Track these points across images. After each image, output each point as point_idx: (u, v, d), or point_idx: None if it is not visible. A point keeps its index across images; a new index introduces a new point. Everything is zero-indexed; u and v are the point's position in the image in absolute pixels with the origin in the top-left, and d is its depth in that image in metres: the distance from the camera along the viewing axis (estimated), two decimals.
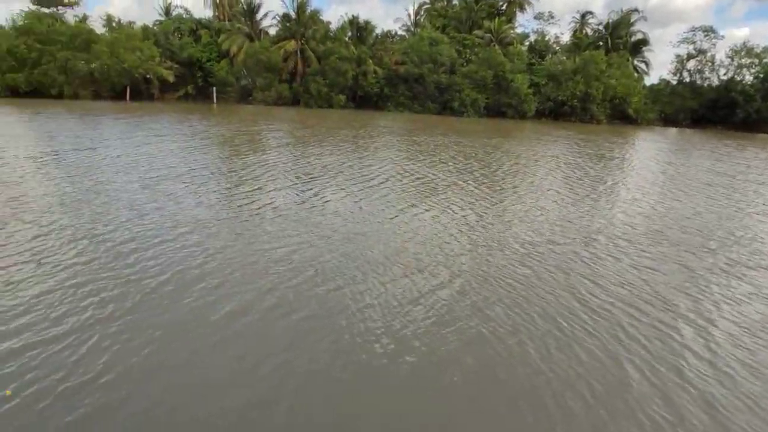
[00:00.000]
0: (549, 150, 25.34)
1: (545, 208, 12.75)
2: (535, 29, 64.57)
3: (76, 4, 54.75)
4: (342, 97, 49.10)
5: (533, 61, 52.55)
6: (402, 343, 5.68)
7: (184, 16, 58.20)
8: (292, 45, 50.80)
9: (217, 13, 59.21)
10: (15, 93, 45.19)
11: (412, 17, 61.49)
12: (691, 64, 55.67)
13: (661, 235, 10.85)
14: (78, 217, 9.88)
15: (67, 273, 7.13)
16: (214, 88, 51.72)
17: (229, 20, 56.52)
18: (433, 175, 16.31)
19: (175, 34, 54.60)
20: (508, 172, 18.13)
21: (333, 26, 53.65)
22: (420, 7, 61.02)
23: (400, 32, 61.20)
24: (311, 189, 13.33)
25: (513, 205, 12.98)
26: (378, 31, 55.67)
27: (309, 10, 51.79)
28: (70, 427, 4.19)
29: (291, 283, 7.09)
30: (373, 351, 5.51)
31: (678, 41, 63.78)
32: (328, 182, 14.30)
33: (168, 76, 50.32)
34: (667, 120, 54.50)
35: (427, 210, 11.75)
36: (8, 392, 4.60)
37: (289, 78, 51.52)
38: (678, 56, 56.42)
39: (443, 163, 18.99)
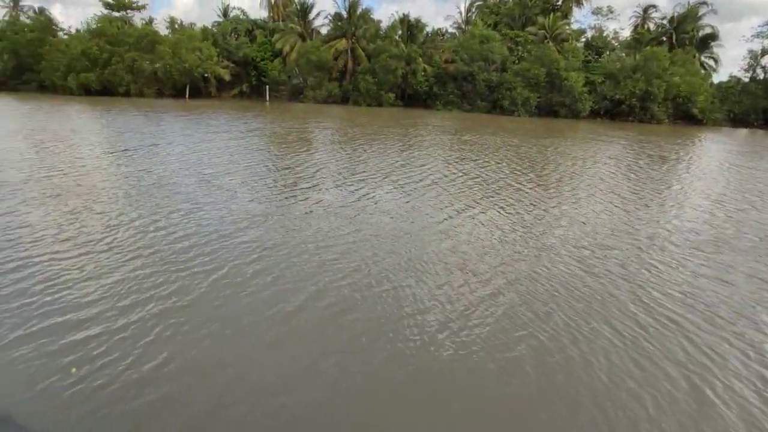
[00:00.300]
0: (607, 151, 24.24)
1: (604, 211, 12.16)
2: (592, 25, 61.88)
3: (143, 7, 57.82)
4: (391, 95, 49.16)
5: (589, 58, 50.48)
6: (459, 348, 5.54)
7: (240, 17, 60.26)
8: (342, 44, 51.39)
9: (271, 14, 60.88)
10: (87, 91, 48.38)
11: (463, 15, 60.68)
12: (766, 60, 51.70)
13: (729, 243, 10.07)
14: (142, 209, 10.38)
15: (134, 263, 7.48)
16: (267, 87, 53.24)
17: (283, 20, 57.94)
18: (486, 175, 15.96)
19: (232, 34, 56.59)
20: (564, 174, 17.47)
21: (383, 25, 53.90)
22: (471, 4, 60.11)
23: (450, 30, 60.60)
24: (362, 187, 13.37)
25: (570, 208, 12.47)
26: (428, 29, 55.38)
27: (360, 9, 52.24)
28: (127, 414, 4.35)
29: (343, 282, 7.09)
30: (429, 354, 5.41)
31: (752, 35, 59.45)
32: (378, 181, 14.31)
33: (225, 75, 52.33)
34: (737, 120, 50.87)
35: (480, 212, 11.49)
36: (73, 369, 4.90)
37: (339, 76, 52.17)
38: (751, 52, 52.56)
39: (495, 163, 18.56)
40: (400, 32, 52.21)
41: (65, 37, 53.88)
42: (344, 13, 52.52)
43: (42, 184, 12.27)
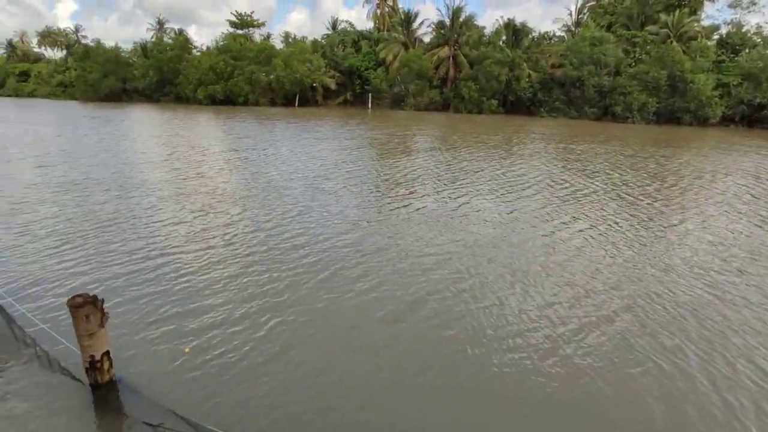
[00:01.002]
0: (742, 163, 21.35)
1: (741, 232, 10.71)
2: (728, 20, 54.96)
3: (263, 24, 63.18)
4: (493, 102, 48.10)
5: (723, 57, 44.88)
6: (571, 373, 5.20)
7: (348, 29, 63.15)
8: (444, 51, 51.42)
9: (377, 25, 62.90)
10: (213, 101, 54.11)
11: (574, 16, 57.52)
12: None
13: None
14: (257, 210, 11.26)
15: (249, 260, 8.14)
16: (370, 95, 55.04)
17: (388, 30, 59.56)
18: (596, 186, 14.91)
19: (339, 45, 59.50)
20: (688, 188, 15.71)
21: (487, 30, 53.00)
22: (583, 5, 56.76)
23: (558, 33, 57.77)
24: (462, 195, 13.22)
25: (696, 226, 11.16)
26: (534, 33, 53.32)
27: (463, 16, 51.90)
28: (227, 400, 4.66)
29: (446, 293, 7.04)
30: (537, 377, 5.13)
31: None
32: (479, 189, 14.04)
33: (331, 84, 55.25)
34: None
35: (590, 225, 10.75)
36: (187, 350, 5.42)
37: (439, 84, 52.27)
38: None
39: (606, 173, 17.27)
40: (504, 37, 50.93)
41: (198, 54, 60.61)
42: (447, 21, 52.59)
43: (175, 184, 13.87)
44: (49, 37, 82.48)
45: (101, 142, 23.53)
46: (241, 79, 53.53)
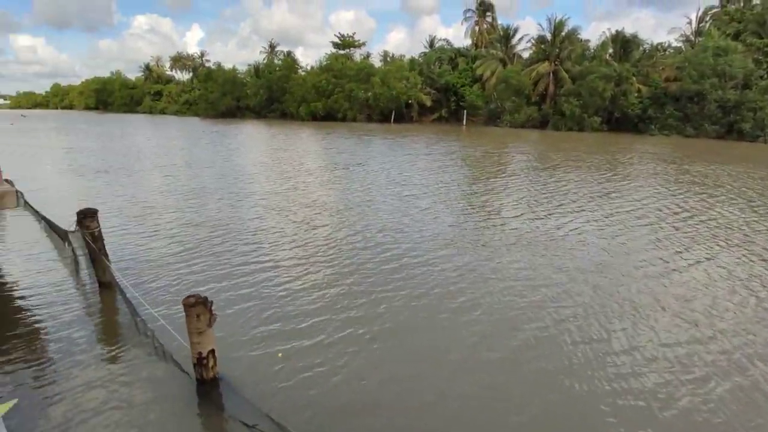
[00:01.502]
0: None
1: None
2: None
3: (363, 44, 65.96)
4: (596, 119, 45.23)
5: None
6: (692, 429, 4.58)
7: (445, 47, 63.60)
8: (544, 67, 49.57)
9: (474, 41, 62.60)
10: (314, 117, 57.54)
11: (694, 25, 52.36)
12: None
13: None
14: (356, 226, 11.53)
15: (346, 273, 8.34)
16: (465, 112, 54.72)
17: (485, 47, 58.97)
18: (720, 214, 13.25)
19: (436, 63, 60.06)
20: None
21: (592, 44, 50.20)
22: (705, 12, 51.53)
23: (674, 44, 52.92)
24: (563, 217, 12.48)
25: None
26: (645, 45, 49.36)
27: (566, 30, 49.70)
28: (322, 413, 4.70)
29: (542, 323, 6.59)
30: (653, 430, 4.57)
31: None
32: (582, 211, 13.17)
33: (426, 101, 55.93)
34: None
35: (711, 257, 9.53)
36: (280, 354, 5.64)
37: (538, 100, 50.42)
38: None
39: (731, 198, 15.30)
40: (611, 50, 47.85)
41: (303, 73, 64.88)
42: (548, 36, 50.73)
43: (280, 195, 14.79)
44: (179, 61, 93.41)
45: (217, 154, 25.97)
46: (341, 96, 56.26)
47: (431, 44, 65.97)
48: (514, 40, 56.26)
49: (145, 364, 5.47)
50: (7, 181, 8.20)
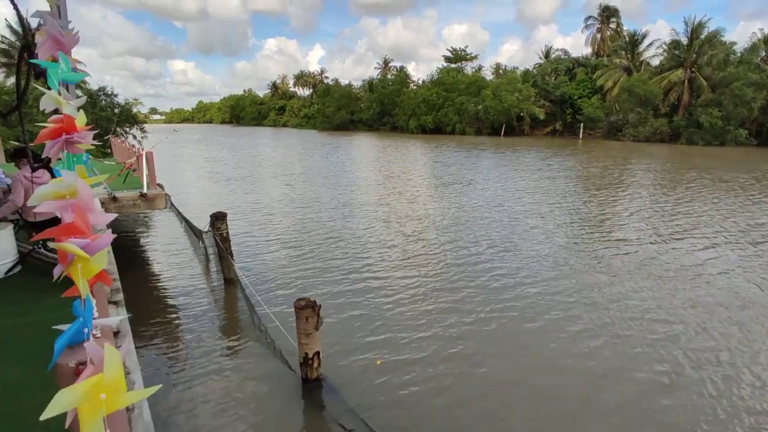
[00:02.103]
0: None
1: None
2: None
3: (475, 57, 65.62)
4: (741, 132, 39.62)
5: None
6: None
7: (562, 57, 60.60)
8: (678, 74, 44.75)
9: (595, 49, 58.78)
10: (423, 130, 58.48)
11: None
12: None
13: None
14: (463, 242, 11.38)
15: (454, 289, 8.28)
16: (581, 124, 51.45)
17: (608, 56, 55.02)
18: None
19: (552, 74, 57.45)
20: None
21: (739, 47, 44.13)
22: None
23: None
24: (698, 244, 11.07)
25: None
26: None
27: (705, 33, 44.32)
28: (402, 416, 4.68)
29: (671, 366, 5.78)
30: None
31: None
32: (723, 239, 11.55)
33: (539, 114, 53.70)
34: None
35: None
36: (378, 362, 5.75)
37: (668, 111, 45.56)
38: None
39: None
40: (762, 53, 41.68)
41: (414, 87, 66.42)
42: (683, 39, 45.72)
43: (389, 207, 15.22)
44: (301, 78, 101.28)
45: (330, 165, 27.56)
46: (450, 110, 56.47)
47: (547, 55, 63.31)
48: (642, 46, 51.68)
49: (258, 358, 5.98)
50: (159, 185, 9.57)
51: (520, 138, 52.05)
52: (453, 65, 65.64)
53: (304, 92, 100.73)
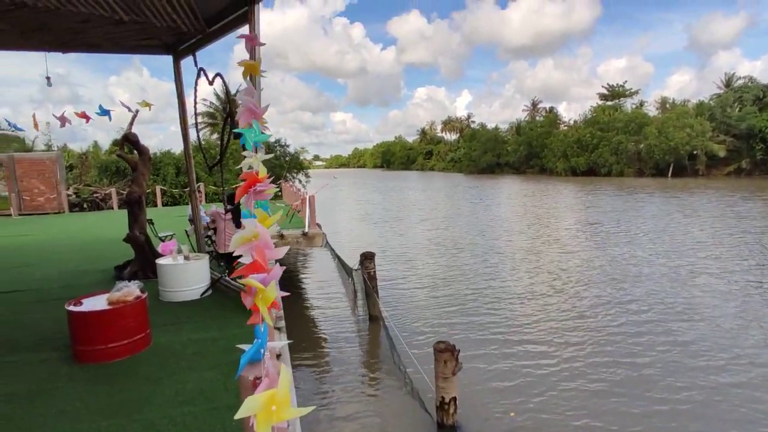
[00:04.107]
0: None
1: None
2: None
3: (636, 93, 60.30)
4: None
5: None
6: None
7: (748, 84, 52.13)
8: None
9: None
10: (574, 173, 54.93)
11: None
12: None
13: None
14: (615, 301, 10.22)
15: (603, 352, 7.54)
16: None
17: None
18: None
19: (735, 104, 49.68)
20: None
21: None
22: None
23: None
24: None
25: None
26: None
27: None
28: None
29: None
30: None
31: None
32: None
33: (719, 151, 46.45)
34: None
35: None
36: (512, 414, 5.45)
37: None
38: None
39: None
40: None
41: (564, 128, 63.45)
42: None
43: (533, 255, 14.56)
44: (449, 124, 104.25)
45: (476, 209, 27.52)
46: (606, 150, 52.21)
47: (728, 83, 55.13)
48: None
49: (396, 396, 6.14)
50: (318, 225, 10.70)
51: (692, 179, 45.42)
52: (609, 102, 61.05)
53: (451, 137, 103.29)
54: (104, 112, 6.33)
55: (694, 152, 47.61)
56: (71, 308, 4.08)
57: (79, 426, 2.97)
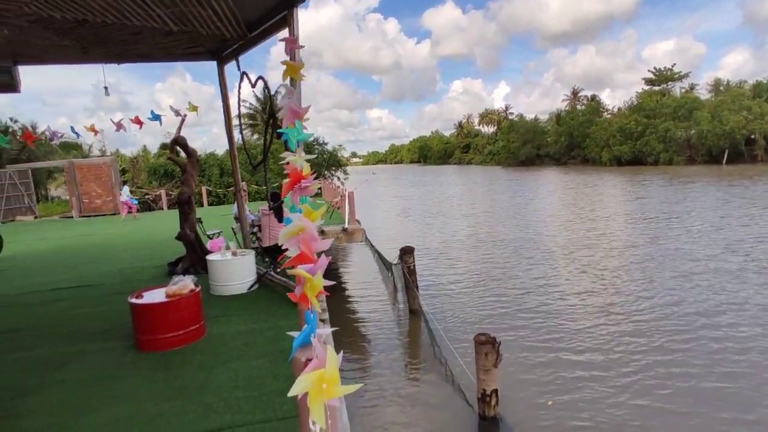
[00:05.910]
0: None
1: None
2: None
3: (686, 76, 57.19)
4: None
5: None
6: None
7: None
8: None
9: None
10: (618, 162, 52.80)
11: None
12: None
13: None
14: (667, 297, 9.92)
15: (649, 349, 7.35)
16: None
17: None
18: None
19: None
20: None
21: None
22: None
23: None
24: None
25: None
26: None
27: None
28: None
29: None
30: None
31: None
32: None
33: None
34: None
35: None
36: (550, 402, 5.44)
37: None
38: None
39: None
40: None
41: (608, 116, 61.07)
42: None
43: (573, 250, 14.21)
44: (486, 116, 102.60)
45: (517, 202, 27.06)
46: (652, 138, 49.89)
47: None
48: None
49: (437, 388, 6.22)
50: (357, 220, 10.89)
51: (750, 165, 42.71)
52: (656, 87, 58.20)
53: (489, 129, 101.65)
54: (155, 117, 6.71)
55: (752, 136, 44.77)
56: (133, 300, 4.39)
57: (143, 407, 3.24)
